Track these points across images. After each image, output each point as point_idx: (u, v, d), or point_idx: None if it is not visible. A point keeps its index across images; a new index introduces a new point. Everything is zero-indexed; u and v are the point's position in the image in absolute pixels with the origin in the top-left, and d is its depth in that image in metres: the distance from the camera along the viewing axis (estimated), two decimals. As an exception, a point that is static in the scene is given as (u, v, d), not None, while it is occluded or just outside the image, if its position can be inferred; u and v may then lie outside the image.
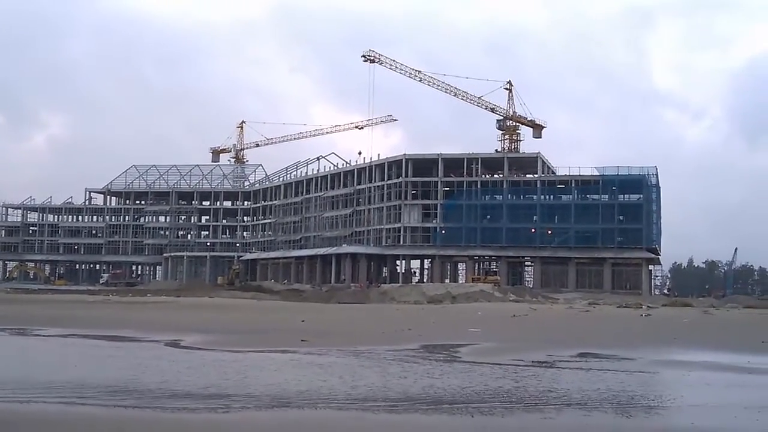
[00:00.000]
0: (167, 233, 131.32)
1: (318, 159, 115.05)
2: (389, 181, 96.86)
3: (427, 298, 63.65)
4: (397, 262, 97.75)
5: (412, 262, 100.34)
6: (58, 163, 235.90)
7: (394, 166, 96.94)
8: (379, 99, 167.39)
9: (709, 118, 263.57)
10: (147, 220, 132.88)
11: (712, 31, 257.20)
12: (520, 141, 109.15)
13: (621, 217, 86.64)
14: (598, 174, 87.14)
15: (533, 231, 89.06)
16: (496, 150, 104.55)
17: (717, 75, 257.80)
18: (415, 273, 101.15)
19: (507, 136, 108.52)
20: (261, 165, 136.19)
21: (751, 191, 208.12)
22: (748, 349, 24.10)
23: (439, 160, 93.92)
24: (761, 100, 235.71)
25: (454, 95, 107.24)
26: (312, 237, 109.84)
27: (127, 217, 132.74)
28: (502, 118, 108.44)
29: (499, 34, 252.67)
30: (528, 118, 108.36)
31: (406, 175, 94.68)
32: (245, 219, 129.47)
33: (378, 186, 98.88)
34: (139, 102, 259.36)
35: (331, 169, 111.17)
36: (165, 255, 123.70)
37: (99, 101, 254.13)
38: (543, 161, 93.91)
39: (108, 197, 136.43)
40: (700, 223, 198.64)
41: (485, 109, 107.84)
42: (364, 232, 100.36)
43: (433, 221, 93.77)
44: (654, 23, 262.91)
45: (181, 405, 12.55)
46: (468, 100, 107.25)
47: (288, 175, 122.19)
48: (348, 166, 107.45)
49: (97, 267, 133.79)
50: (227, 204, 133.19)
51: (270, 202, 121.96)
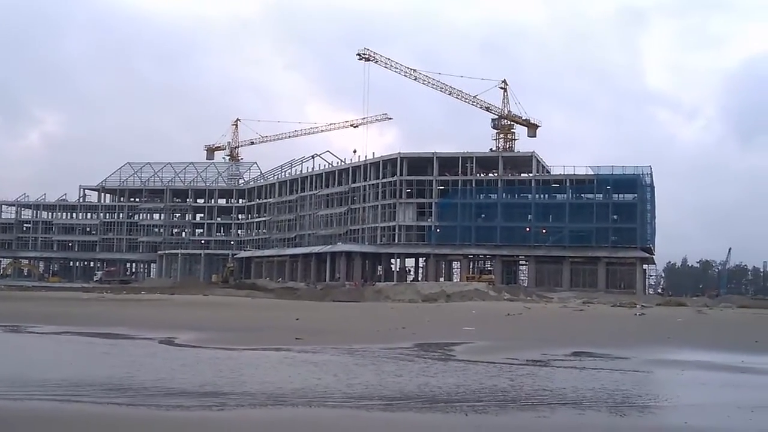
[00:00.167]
0: (161, 231, 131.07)
1: (313, 157, 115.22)
2: (384, 180, 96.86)
3: (422, 297, 63.65)
4: (392, 261, 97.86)
5: (406, 260, 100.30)
6: (53, 160, 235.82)
7: (389, 165, 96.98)
8: (374, 97, 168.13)
9: (703, 118, 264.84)
10: (141, 218, 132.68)
11: (706, 31, 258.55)
12: (514, 140, 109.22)
13: (615, 217, 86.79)
14: (592, 173, 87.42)
15: (528, 230, 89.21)
16: (491, 149, 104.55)
17: (711, 75, 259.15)
18: (409, 271, 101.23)
19: (502, 135, 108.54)
20: (256, 163, 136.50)
21: (745, 191, 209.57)
22: (742, 349, 24.22)
23: (434, 158, 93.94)
24: (755, 100, 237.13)
25: (449, 94, 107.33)
26: (307, 235, 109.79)
27: (121, 214, 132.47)
28: (497, 117, 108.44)
29: (494, 33, 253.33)
30: (523, 118, 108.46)
31: (401, 174, 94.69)
32: (240, 217, 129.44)
33: (373, 184, 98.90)
34: (133, 99, 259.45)
35: (326, 167, 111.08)
36: (159, 252, 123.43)
37: (93, 98, 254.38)
38: (538, 160, 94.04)
39: (102, 194, 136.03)
40: (694, 222, 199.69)
41: (480, 108, 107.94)
42: (358, 230, 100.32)
43: (428, 220, 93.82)
44: (648, 23, 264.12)
45: (176, 403, 12.53)
46: (463, 99, 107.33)
47: (283, 173, 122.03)
48: (343, 164, 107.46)
49: (92, 264, 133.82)
50: (222, 202, 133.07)
51: (265, 200, 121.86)
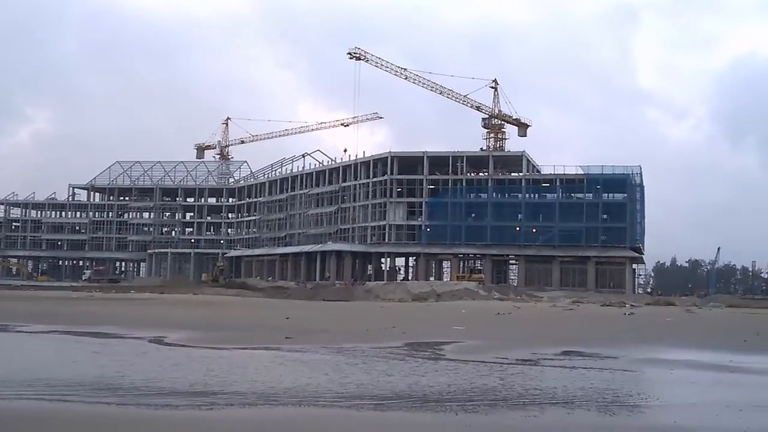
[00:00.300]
0: (151, 230, 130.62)
1: (303, 156, 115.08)
2: (374, 179, 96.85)
3: (412, 296, 63.76)
4: (382, 260, 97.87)
5: (396, 259, 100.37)
6: (42, 158, 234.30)
7: (379, 164, 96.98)
8: (365, 96, 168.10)
9: (693, 117, 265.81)
10: (131, 217, 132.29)
11: (696, 31, 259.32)
12: (505, 139, 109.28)
13: (605, 216, 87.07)
14: (582, 173, 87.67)
15: (518, 229, 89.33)
16: (482, 148, 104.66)
17: (701, 75, 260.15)
18: (399, 270, 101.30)
19: (492, 135, 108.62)
20: (246, 162, 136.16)
21: (734, 191, 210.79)
22: (731, 348, 24.35)
23: (425, 157, 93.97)
24: (745, 100, 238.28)
25: (440, 93, 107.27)
26: (297, 234, 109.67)
27: (110, 213, 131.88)
28: (487, 116, 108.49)
29: (485, 32, 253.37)
30: (513, 117, 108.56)
31: (392, 173, 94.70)
32: (230, 216, 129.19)
33: (363, 183, 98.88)
34: (124, 97, 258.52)
35: (317, 166, 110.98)
36: (149, 252, 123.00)
37: (84, 96, 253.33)
38: (528, 160, 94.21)
39: (92, 193, 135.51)
40: (684, 222, 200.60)
41: (471, 107, 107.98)
42: (349, 229, 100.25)
43: (418, 219, 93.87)
44: (639, 22, 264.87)
45: (167, 402, 12.49)
46: (453, 99, 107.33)
47: (273, 172, 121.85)
48: (333, 163, 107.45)
49: (81, 263, 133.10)
50: (212, 201, 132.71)
51: (255, 199, 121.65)
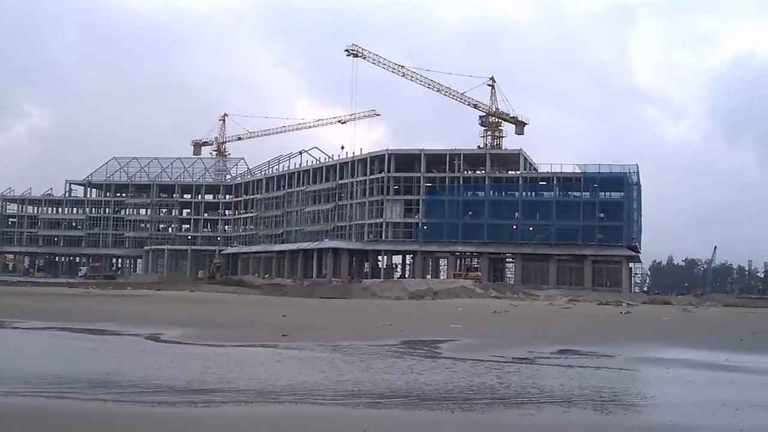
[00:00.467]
0: (148, 226, 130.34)
1: (300, 153, 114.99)
2: (371, 176, 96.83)
3: (409, 294, 63.83)
4: (379, 258, 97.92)
5: (393, 257, 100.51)
6: (38, 154, 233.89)
7: (376, 161, 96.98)
8: (362, 93, 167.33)
9: (691, 116, 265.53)
10: (127, 213, 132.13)
11: (694, 30, 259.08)
12: (502, 137, 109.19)
13: (602, 215, 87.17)
14: (579, 171, 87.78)
15: (515, 227, 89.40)
16: (479, 146, 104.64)
17: (699, 74, 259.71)
18: (396, 268, 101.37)
19: (489, 133, 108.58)
20: (243, 158, 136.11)
21: (731, 190, 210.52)
22: (727, 347, 24.37)
23: (422, 155, 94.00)
24: (742, 99, 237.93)
25: (437, 91, 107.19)
26: (294, 231, 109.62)
27: (107, 209, 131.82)
28: (484, 114, 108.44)
29: (483, 30, 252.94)
30: (510, 115, 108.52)
31: (389, 171, 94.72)
32: (227, 213, 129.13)
33: (360, 181, 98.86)
34: (120, 94, 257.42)
35: (314, 163, 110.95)
36: (145, 248, 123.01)
37: (81, 92, 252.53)
38: (525, 158, 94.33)
39: (88, 189, 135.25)
40: (680, 221, 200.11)
41: (468, 105, 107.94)
42: (345, 227, 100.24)
43: (415, 217, 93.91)
44: (637, 21, 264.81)
45: (164, 399, 12.48)
46: (451, 96, 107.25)
47: (270, 169, 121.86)
48: (330, 160, 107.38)
49: (77, 260, 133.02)
50: (209, 197, 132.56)
51: (252, 196, 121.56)
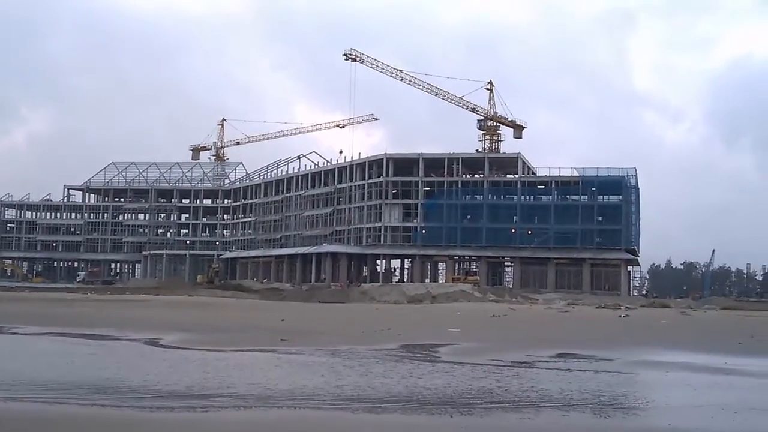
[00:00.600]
0: (146, 231, 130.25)
1: (299, 158, 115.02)
2: (370, 181, 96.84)
3: (407, 298, 63.75)
4: (378, 262, 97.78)
5: (392, 261, 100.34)
6: (37, 159, 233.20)
7: (375, 166, 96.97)
8: (361, 98, 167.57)
9: (689, 120, 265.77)
10: (126, 218, 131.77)
11: (692, 32, 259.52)
12: (500, 141, 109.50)
13: (600, 218, 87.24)
14: (577, 175, 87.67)
15: (513, 231, 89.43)
16: (477, 150, 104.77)
17: (697, 77, 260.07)
18: (395, 272, 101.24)
19: (488, 137, 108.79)
20: (241, 163, 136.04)
21: (730, 193, 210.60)
22: (725, 350, 24.42)
23: (420, 159, 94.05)
24: (740, 102, 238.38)
25: (436, 95, 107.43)
26: (292, 236, 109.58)
27: (106, 214, 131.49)
28: (482, 118, 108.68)
29: (481, 33, 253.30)
30: (508, 119, 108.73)
31: (387, 175, 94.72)
32: (225, 217, 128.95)
33: (359, 185, 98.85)
34: (119, 98, 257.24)
35: (312, 167, 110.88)
36: (144, 253, 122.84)
37: (79, 97, 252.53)
38: (523, 161, 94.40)
39: (87, 194, 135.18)
40: (679, 224, 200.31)
41: (466, 109, 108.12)
42: (344, 231, 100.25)
43: (414, 221, 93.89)
44: (635, 24, 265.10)
45: (163, 404, 12.49)
46: (449, 100, 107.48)
47: (268, 174, 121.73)
48: (329, 165, 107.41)
49: (76, 265, 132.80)
50: (207, 202, 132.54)
51: (250, 201, 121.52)
